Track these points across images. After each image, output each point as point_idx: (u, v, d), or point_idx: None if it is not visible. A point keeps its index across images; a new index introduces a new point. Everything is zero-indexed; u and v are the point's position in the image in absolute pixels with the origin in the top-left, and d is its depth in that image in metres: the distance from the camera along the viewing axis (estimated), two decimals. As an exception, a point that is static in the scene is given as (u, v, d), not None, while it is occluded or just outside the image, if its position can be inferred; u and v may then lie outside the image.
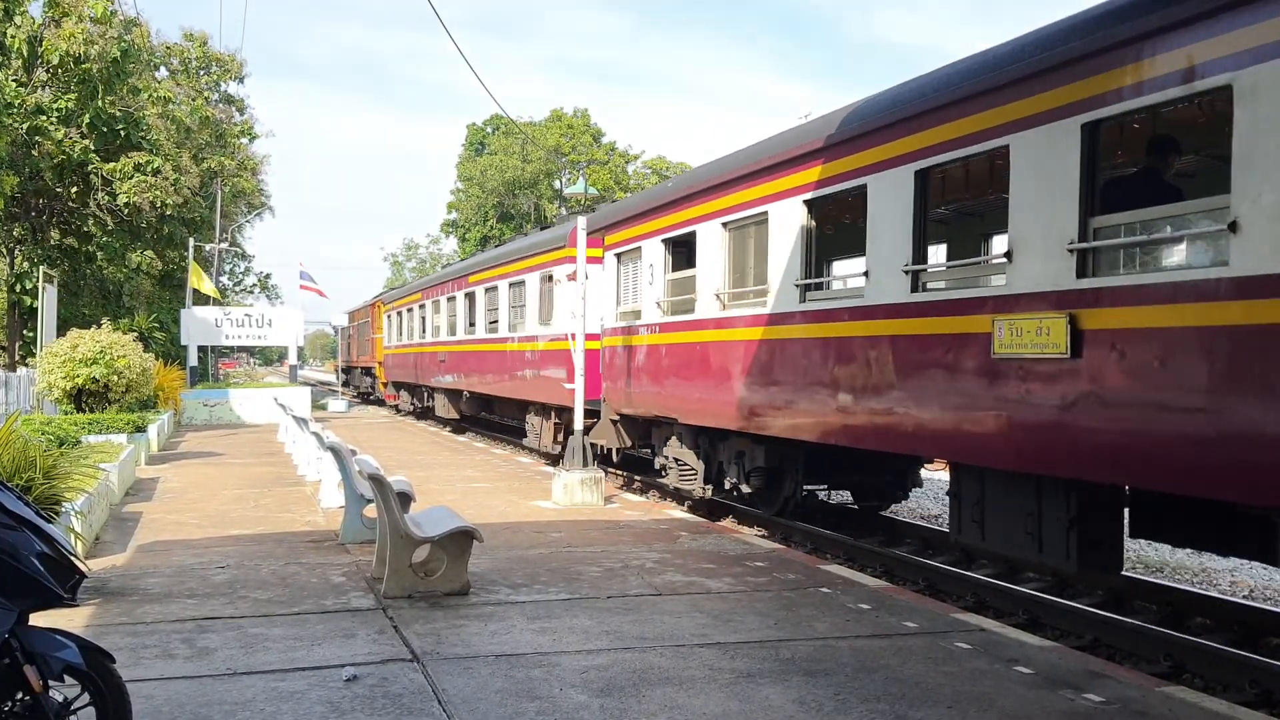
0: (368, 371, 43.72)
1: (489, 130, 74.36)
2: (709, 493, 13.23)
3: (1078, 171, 6.96)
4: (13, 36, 23.87)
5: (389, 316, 37.47)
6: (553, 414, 19.07)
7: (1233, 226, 5.93)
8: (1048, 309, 7.20)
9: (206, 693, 5.43)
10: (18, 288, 27.84)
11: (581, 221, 14.14)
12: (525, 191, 69.31)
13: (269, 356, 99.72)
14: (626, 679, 5.74)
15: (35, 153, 25.55)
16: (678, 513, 12.72)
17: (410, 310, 32.85)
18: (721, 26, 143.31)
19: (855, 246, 9.88)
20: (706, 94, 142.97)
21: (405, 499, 8.78)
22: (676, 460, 13.77)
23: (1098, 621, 8.04)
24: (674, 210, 13.29)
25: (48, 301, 21.59)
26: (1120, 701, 5.50)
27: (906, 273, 8.68)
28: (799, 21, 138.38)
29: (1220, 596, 8.93)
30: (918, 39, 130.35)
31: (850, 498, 13.04)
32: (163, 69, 40.78)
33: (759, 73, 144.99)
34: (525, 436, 20.76)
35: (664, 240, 13.58)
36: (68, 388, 18.62)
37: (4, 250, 28.46)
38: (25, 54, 24.19)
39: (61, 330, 21.88)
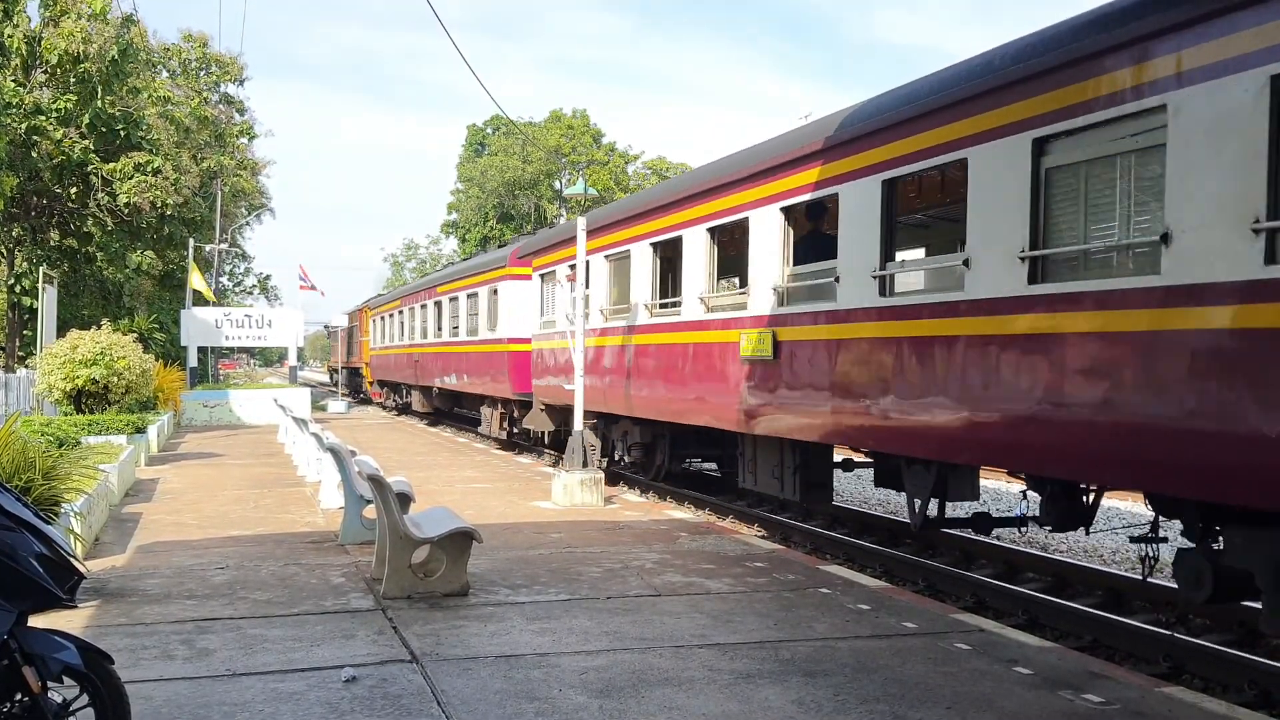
0: (356, 371, 46.70)
1: (489, 131, 74.39)
2: (604, 464, 15.96)
3: (780, 237, 10.69)
4: (10, 36, 23.87)
5: (374, 321, 40.09)
6: (499, 405, 22.23)
7: (837, 279, 9.58)
8: (765, 327, 10.79)
9: (205, 694, 5.43)
10: (17, 288, 27.84)
11: (581, 221, 14.22)
12: (525, 192, 69.35)
13: (269, 357, 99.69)
14: (626, 680, 5.74)
15: (35, 153, 25.55)
16: (677, 513, 12.73)
17: (391, 316, 35.70)
18: (721, 27, 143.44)
19: (685, 281, 13.08)
20: (706, 94, 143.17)
21: (405, 500, 8.78)
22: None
23: (1097, 622, 8.04)
24: (574, 244, 15.79)
25: (47, 302, 21.60)
26: (1120, 702, 5.50)
27: (701, 300, 12.26)
28: (799, 22, 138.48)
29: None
30: (918, 39, 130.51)
31: (716, 467, 16.22)
32: (163, 71, 40.78)
33: (759, 73, 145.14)
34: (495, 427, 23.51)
35: (570, 266, 16.24)
36: (67, 389, 18.62)
37: (4, 251, 28.46)
38: (24, 53, 24.20)
39: (61, 331, 21.89)
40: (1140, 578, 8.40)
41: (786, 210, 10.63)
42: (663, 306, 13.57)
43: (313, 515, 11.76)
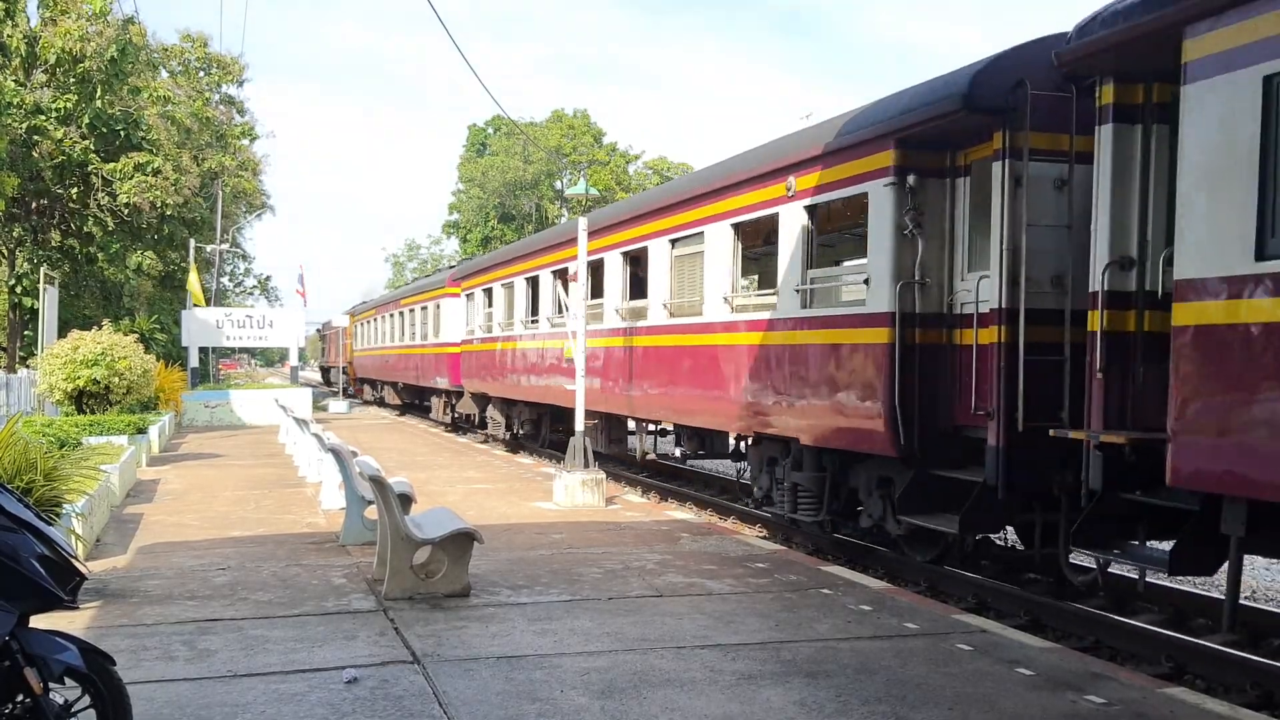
0: (343, 371, 53.83)
1: (490, 131, 74.37)
2: (507, 437, 22.47)
3: (525, 291, 19.51)
4: (9, 35, 23.89)
5: (356, 326, 46.82)
6: (443, 395, 28.87)
7: (535, 310, 18.70)
8: (565, 340, 15.69)
9: (207, 695, 5.43)
10: (18, 289, 27.84)
11: (582, 222, 14.23)
12: (526, 192, 69.36)
13: (270, 358, 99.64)
14: (627, 681, 5.74)
15: (35, 153, 25.56)
16: (679, 514, 12.73)
17: (369, 322, 42.16)
18: (722, 25, 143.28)
19: (540, 305, 19.51)
20: (707, 93, 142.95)
21: (406, 500, 8.78)
22: (492, 419, 23.37)
23: (1099, 623, 8.04)
24: (482, 275, 23.90)
25: (48, 303, 21.61)
26: (1122, 703, 5.49)
27: (548, 319, 17.94)
28: (799, 20, 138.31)
29: (1221, 598, 8.91)
30: (917, 38, 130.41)
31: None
32: (163, 71, 40.78)
33: (759, 72, 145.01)
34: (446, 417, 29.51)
35: (483, 290, 23.73)
36: (69, 389, 18.62)
37: (5, 251, 28.46)
38: (24, 53, 24.23)
39: (62, 331, 21.88)
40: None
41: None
42: (524, 323, 20.21)
43: (314, 516, 11.76)
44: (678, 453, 14.90)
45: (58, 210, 28.83)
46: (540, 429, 20.70)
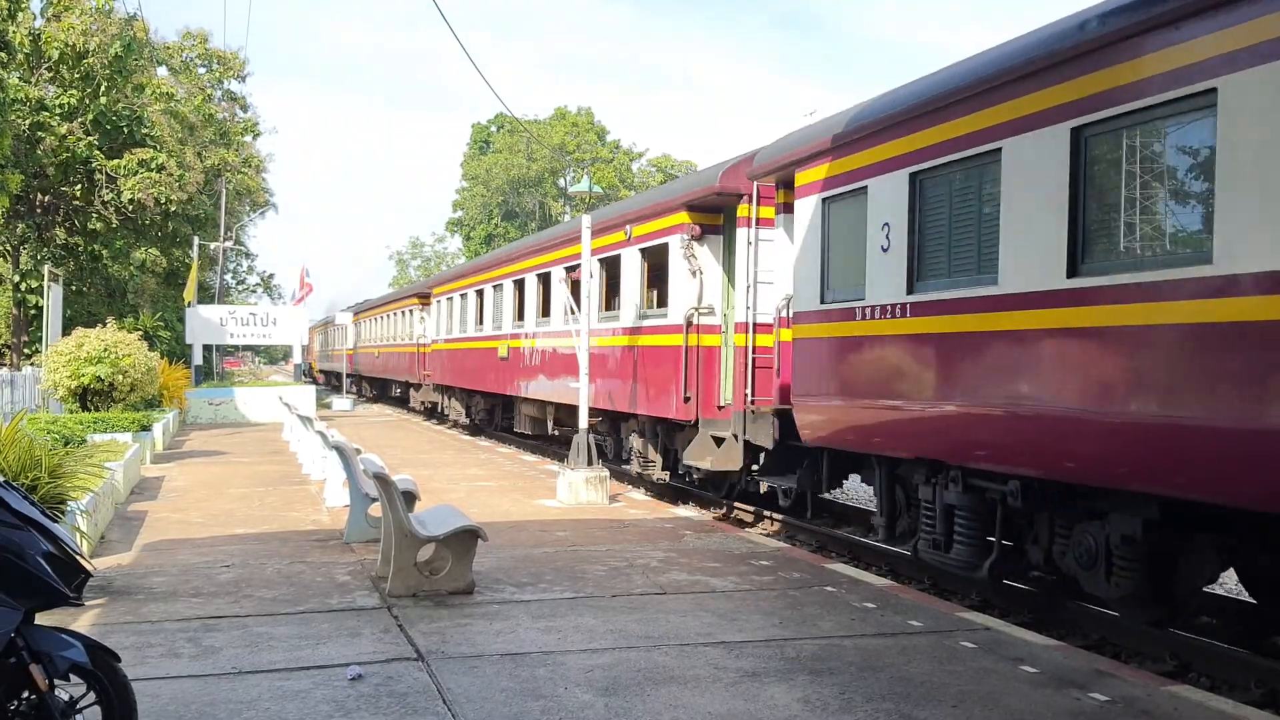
0: (311, 368, 69.44)
1: (493, 129, 74.39)
2: (370, 395, 45.48)
3: (375, 324, 41.50)
4: (13, 32, 23.91)
5: (315, 333, 64.82)
6: (350, 379, 48.53)
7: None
8: (394, 347, 35.44)
9: (211, 691, 5.44)
10: (23, 286, 27.86)
11: (586, 220, 14.21)
12: (530, 190, 69.39)
13: (273, 355, 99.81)
14: (631, 678, 5.74)
15: (39, 150, 25.57)
16: (682, 511, 12.73)
17: (323, 331, 61.86)
18: (725, 23, 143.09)
19: (380, 331, 40.08)
20: (710, 92, 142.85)
21: (410, 498, 8.79)
22: (365, 388, 47.31)
23: (1103, 620, 8.03)
24: (364, 313, 45.70)
25: (53, 300, 21.64)
26: (1126, 701, 5.49)
27: (383, 339, 35.68)
28: (801, 19, 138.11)
29: (1226, 595, 8.91)
30: (917, 38, 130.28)
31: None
32: (163, 68, 40.77)
33: (762, 70, 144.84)
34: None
35: (362, 321, 44.84)
36: (73, 386, 18.64)
37: (9, 249, 28.49)
38: (28, 49, 24.24)
39: (67, 329, 21.90)
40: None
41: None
42: (378, 339, 37.99)
43: (318, 513, 11.77)
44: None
45: (62, 207, 28.85)
46: (389, 392, 39.38)
